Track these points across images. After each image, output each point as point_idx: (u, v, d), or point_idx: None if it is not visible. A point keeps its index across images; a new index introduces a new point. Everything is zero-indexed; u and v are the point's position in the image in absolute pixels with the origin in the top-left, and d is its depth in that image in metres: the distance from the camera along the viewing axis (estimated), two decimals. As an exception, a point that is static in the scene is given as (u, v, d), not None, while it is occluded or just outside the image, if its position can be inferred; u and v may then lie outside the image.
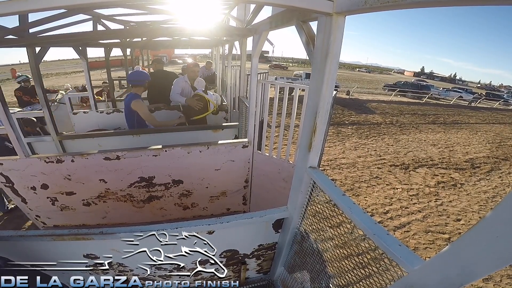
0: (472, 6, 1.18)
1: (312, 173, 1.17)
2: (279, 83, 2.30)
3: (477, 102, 20.84)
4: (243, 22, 2.22)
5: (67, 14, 1.95)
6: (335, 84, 1.13)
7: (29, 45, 2.03)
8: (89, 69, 3.54)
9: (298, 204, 1.32)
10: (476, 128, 11.10)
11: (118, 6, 1.23)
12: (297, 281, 1.50)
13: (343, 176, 5.09)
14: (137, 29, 3.22)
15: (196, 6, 2.20)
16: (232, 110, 3.75)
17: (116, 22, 3.16)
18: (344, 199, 1.00)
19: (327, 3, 0.91)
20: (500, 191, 5.11)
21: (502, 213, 0.49)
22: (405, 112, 12.82)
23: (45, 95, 2.37)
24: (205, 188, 2.47)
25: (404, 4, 0.69)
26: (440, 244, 3.41)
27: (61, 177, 2.17)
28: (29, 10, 0.83)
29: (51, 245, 1.17)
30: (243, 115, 2.84)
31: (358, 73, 58.77)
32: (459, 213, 4.19)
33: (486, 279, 2.92)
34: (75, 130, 3.60)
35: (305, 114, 1.22)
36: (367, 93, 19.81)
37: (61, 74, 25.33)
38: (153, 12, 2.59)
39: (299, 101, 2.15)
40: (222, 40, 3.83)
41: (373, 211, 3.99)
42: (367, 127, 9.16)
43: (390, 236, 0.82)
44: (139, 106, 2.56)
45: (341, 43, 0.98)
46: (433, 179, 5.32)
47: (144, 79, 2.66)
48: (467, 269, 0.56)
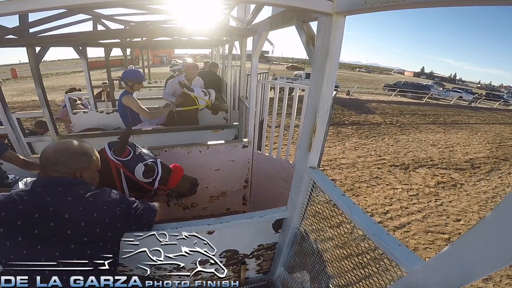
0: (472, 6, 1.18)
1: (312, 173, 1.17)
2: (279, 83, 2.30)
3: (477, 102, 20.86)
4: (243, 22, 2.22)
5: (67, 14, 1.95)
6: (335, 84, 1.13)
7: (29, 45, 2.03)
8: (89, 69, 3.54)
9: (298, 204, 1.32)
10: (476, 128, 11.10)
11: (118, 6, 1.23)
12: (297, 281, 1.50)
13: (343, 176, 5.09)
14: (137, 29, 3.22)
15: (196, 6, 2.20)
16: (232, 110, 3.75)
17: (116, 22, 3.16)
18: (344, 199, 1.00)
19: (327, 3, 0.91)
20: (500, 191, 5.11)
21: (502, 213, 0.49)
22: (405, 112, 12.83)
23: (45, 95, 2.37)
24: (205, 188, 2.47)
25: (404, 4, 0.69)
26: (440, 244, 3.41)
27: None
28: (29, 10, 0.83)
29: (51, 245, 1.17)
30: (243, 115, 2.84)
31: (358, 73, 58.80)
32: (459, 213, 4.19)
33: (486, 279, 2.92)
34: (74, 130, 3.60)
35: (305, 114, 1.22)
36: (367, 93, 19.82)
37: (61, 74, 25.35)
38: (153, 12, 2.59)
39: (299, 101, 2.15)
40: (222, 40, 3.83)
41: (373, 211, 3.99)
42: (367, 127, 9.16)
43: (390, 236, 0.82)
44: (129, 101, 2.62)
45: (341, 43, 0.98)
46: (433, 179, 5.32)
47: (135, 78, 2.71)
48: (467, 269, 0.56)
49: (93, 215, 0.91)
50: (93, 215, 0.91)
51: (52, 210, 0.86)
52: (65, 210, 0.87)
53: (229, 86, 3.93)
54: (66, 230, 0.87)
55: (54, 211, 0.86)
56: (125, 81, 2.73)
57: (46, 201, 0.87)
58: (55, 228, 0.86)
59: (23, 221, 0.85)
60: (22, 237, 0.85)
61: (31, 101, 10.49)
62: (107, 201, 0.96)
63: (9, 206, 0.85)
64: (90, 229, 0.90)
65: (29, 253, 0.87)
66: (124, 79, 2.76)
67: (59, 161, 0.95)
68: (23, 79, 21.45)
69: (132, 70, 2.94)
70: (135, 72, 2.82)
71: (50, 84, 17.00)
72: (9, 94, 13.00)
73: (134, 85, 2.72)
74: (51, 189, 0.90)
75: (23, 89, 15.02)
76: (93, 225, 0.90)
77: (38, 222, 0.85)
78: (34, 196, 0.88)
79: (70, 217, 0.87)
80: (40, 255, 0.87)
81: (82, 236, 0.90)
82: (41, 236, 0.86)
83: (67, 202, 0.89)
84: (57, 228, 0.87)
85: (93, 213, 0.91)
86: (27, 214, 0.85)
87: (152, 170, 1.41)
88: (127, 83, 2.72)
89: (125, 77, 2.74)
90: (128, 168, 1.36)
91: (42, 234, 0.86)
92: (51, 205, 0.86)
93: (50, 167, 0.95)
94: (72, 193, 0.91)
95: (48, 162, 0.95)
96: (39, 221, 0.85)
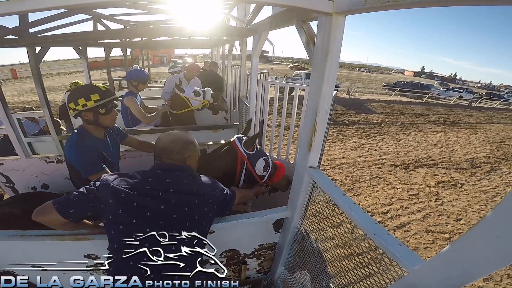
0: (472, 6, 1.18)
1: (312, 173, 1.17)
2: (279, 83, 2.30)
3: (477, 102, 20.83)
4: (243, 22, 2.21)
5: (67, 14, 1.95)
6: (335, 84, 1.13)
7: (29, 45, 2.03)
8: (89, 69, 3.54)
9: (299, 204, 1.32)
10: (476, 127, 11.09)
11: (118, 6, 1.23)
12: (298, 281, 1.50)
13: (343, 176, 5.09)
14: (137, 29, 3.22)
15: (196, 6, 2.20)
16: (232, 110, 3.75)
17: (116, 22, 3.16)
18: (344, 199, 1.00)
19: (327, 3, 0.91)
20: (501, 190, 5.11)
21: (503, 213, 0.49)
22: (405, 111, 12.82)
23: (45, 95, 2.37)
24: (205, 188, 2.47)
25: (404, 4, 0.68)
26: (440, 244, 3.41)
27: (62, 177, 2.17)
28: (29, 10, 0.83)
29: (51, 245, 1.17)
30: (243, 115, 2.84)
31: (358, 73, 58.76)
32: (460, 212, 4.19)
33: (486, 279, 2.92)
34: (75, 130, 3.60)
35: (305, 114, 1.22)
36: (367, 93, 19.81)
37: (61, 74, 25.35)
38: (153, 12, 2.59)
39: (299, 101, 2.15)
40: (222, 40, 3.83)
41: (373, 211, 3.99)
42: (367, 126, 9.16)
43: (390, 236, 0.82)
44: (130, 103, 2.61)
45: (341, 43, 0.98)
46: (433, 179, 5.31)
47: (139, 78, 2.70)
48: (468, 269, 0.56)
49: (203, 196, 1.03)
50: (203, 195, 1.03)
51: (172, 191, 0.98)
52: (182, 191, 0.99)
53: (229, 86, 3.92)
54: (183, 208, 0.97)
55: (173, 192, 0.98)
56: (130, 81, 2.71)
57: (166, 182, 0.99)
58: (173, 206, 0.96)
59: (145, 200, 0.95)
60: (136, 220, 0.93)
61: (31, 101, 10.49)
62: (211, 184, 1.10)
63: (139, 185, 0.96)
64: (201, 209, 1.01)
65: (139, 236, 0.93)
66: (129, 79, 2.74)
67: (174, 150, 1.07)
68: (23, 79, 21.46)
69: (136, 70, 2.90)
70: (139, 72, 2.80)
71: (50, 84, 17.01)
72: (9, 94, 13.01)
73: (139, 85, 2.71)
74: (169, 172, 1.03)
75: (23, 89, 15.03)
76: (203, 204, 1.02)
77: (159, 202, 0.95)
78: (157, 177, 1.00)
79: (187, 196, 0.99)
80: (149, 240, 0.93)
81: (194, 214, 1.00)
82: (158, 218, 0.95)
83: (183, 185, 1.01)
84: (175, 208, 0.97)
85: (203, 193, 1.03)
86: (149, 195, 0.95)
87: (268, 165, 1.55)
88: (131, 83, 2.70)
89: (130, 77, 2.72)
90: (251, 161, 1.49)
91: (160, 216, 0.95)
92: (171, 187, 0.99)
93: (166, 155, 1.07)
94: (186, 176, 1.04)
95: (163, 151, 1.07)
96: (160, 201, 0.96)
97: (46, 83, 4.57)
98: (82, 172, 1.40)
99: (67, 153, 1.45)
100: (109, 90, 1.49)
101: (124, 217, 0.93)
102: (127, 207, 0.93)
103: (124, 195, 0.93)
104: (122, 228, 0.93)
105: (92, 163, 1.40)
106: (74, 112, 1.43)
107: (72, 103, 1.39)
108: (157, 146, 1.10)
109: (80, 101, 1.38)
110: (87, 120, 1.45)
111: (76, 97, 1.38)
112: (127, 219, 0.93)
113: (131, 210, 0.93)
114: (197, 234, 0.98)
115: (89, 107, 1.39)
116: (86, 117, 1.43)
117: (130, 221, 0.93)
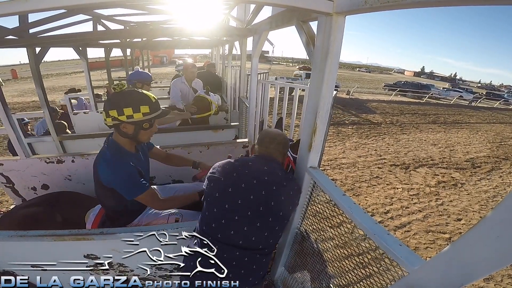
0: (472, 6, 1.18)
1: (313, 173, 1.17)
2: (279, 83, 2.30)
3: (477, 102, 20.82)
4: (243, 22, 2.21)
5: (67, 15, 1.96)
6: (335, 84, 1.13)
7: (29, 46, 2.03)
8: (89, 70, 3.54)
9: (299, 204, 1.32)
10: (477, 127, 11.09)
11: (118, 6, 1.23)
12: (298, 281, 1.50)
13: (344, 176, 5.08)
14: (137, 29, 3.22)
15: (196, 6, 2.20)
16: (232, 110, 3.75)
17: (116, 23, 3.15)
18: (345, 199, 1.00)
19: (327, 3, 0.91)
20: (501, 190, 5.10)
21: (503, 213, 0.49)
22: (405, 111, 12.81)
23: (45, 96, 2.38)
24: (206, 188, 2.47)
25: (404, 4, 0.68)
26: (440, 244, 3.41)
27: (62, 178, 2.17)
28: (29, 10, 0.83)
29: (51, 245, 1.17)
30: (243, 115, 2.84)
31: (358, 73, 58.76)
32: (460, 212, 4.19)
33: (487, 279, 2.92)
34: (75, 130, 3.60)
35: (305, 114, 1.22)
36: (368, 93, 19.80)
37: (61, 75, 25.36)
38: (153, 12, 2.59)
39: (299, 101, 2.15)
40: (222, 40, 3.83)
41: (373, 211, 3.98)
42: (368, 127, 9.15)
43: (390, 236, 0.81)
44: None
45: (341, 43, 0.98)
46: (434, 179, 5.31)
47: (143, 79, 2.68)
48: (468, 269, 0.56)
49: (290, 193, 1.09)
50: (290, 192, 1.09)
51: (266, 179, 1.04)
52: (273, 181, 1.04)
53: (229, 86, 3.92)
54: (273, 198, 1.02)
55: (267, 181, 1.04)
56: (133, 82, 2.67)
57: (263, 169, 1.07)
58: (265, 196, 1.02)
59: (245, 185, 1.02)
60: (229, 205, 1.02)
61: (31, 102, 10.49)
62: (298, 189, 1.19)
63: (240, 169, 1.05)
64: (286, 204, 1.08)
65: (233, 224, 1.01)
66: (132, 80, 2.69)
67: (281, 142, 1.18)
68: (23, 80, 21.46)
69: (138, 71, 2.86)
70: (142, 74, 2.77)
71: (51, 84, 17.01)
72: (10, 95, 13.01)
73: (144, 86, 2.69)
74: (267, 162, 1.11)
75: (24, 90, 15.04)
76: (289, 201, 1.09)
77: (254, 188, 1.02)
78: (255, 163, 1.09)
79: (277, 188, 1.04)
80: (239, 225, 1.01)
81: (280, 210, 1.05)
82: (248, 206, 1.01)
83: (276, 175, 1.06)
84: (266, 197, 1.02)
85: (290, 191, 1.09)
86: (247, 180, 1.03)
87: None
88: (135, 85, 2.66)
89: (133, 79, 2.68)
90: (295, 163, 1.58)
91: (250, 203, 1.01)
92: (266, 174, 1.05)
93: (274, 147, 1.16)
94: (280, 169, 1.12)
95: (272, 142, 1.17)
96: (256, 187, 1.02)
97: (46, 84, 4.58)
98: (127, 195, 1.24)
99: (101, 173, 1.21)
100: (158, 102, 1.28)
101: (232, 196, 1.02)
102: (236, 187, 1.02)
103: (235, 175, 1.04)
104: (228, 207, 1.01)
105: (136, 184, 1.23)
106: (112, 122, 1.19)
107: (115, 110, 1.16)
108: (266, 136, 1.20)
109: (126, 110, 1.15)
110: (124, 133, 1.23)
111: (122, 105, 1.16)
112: (235, 198, 1.02)
113: (239, 191, 1.02)
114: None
115: (135, 120, 1.18)
116: (124, 129, 1.21)
117: (236, 200, 1.01)
